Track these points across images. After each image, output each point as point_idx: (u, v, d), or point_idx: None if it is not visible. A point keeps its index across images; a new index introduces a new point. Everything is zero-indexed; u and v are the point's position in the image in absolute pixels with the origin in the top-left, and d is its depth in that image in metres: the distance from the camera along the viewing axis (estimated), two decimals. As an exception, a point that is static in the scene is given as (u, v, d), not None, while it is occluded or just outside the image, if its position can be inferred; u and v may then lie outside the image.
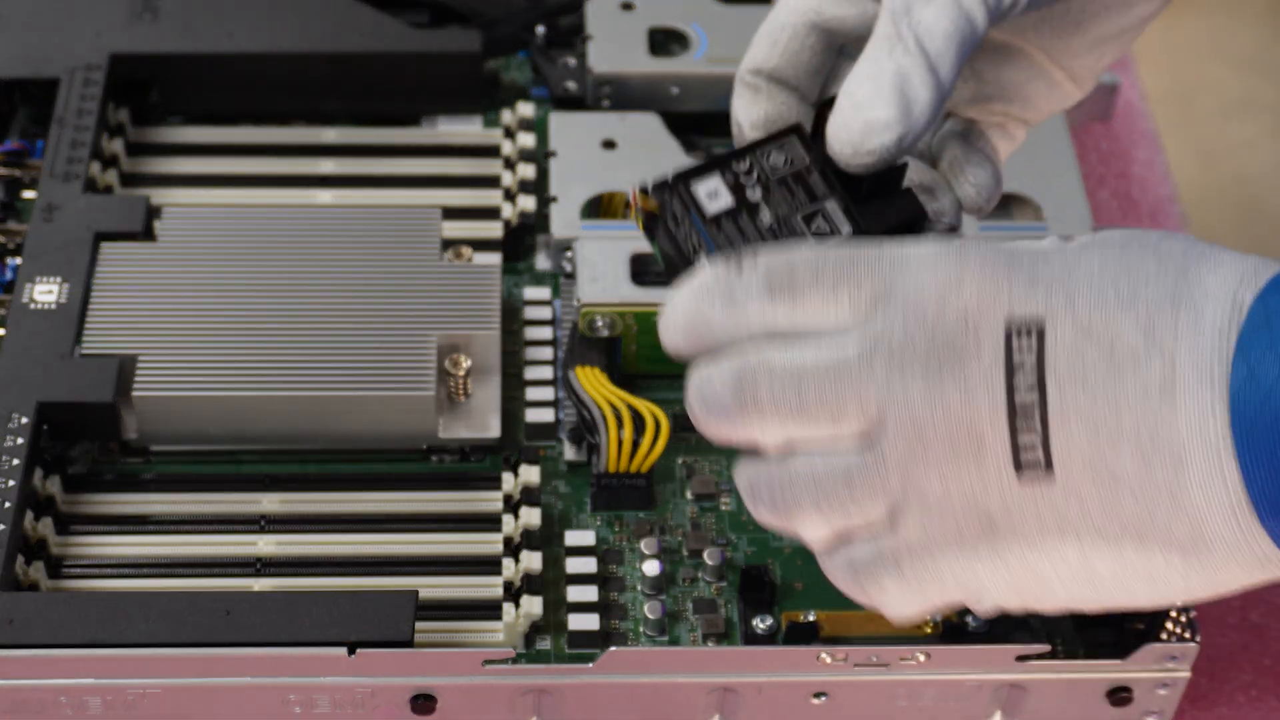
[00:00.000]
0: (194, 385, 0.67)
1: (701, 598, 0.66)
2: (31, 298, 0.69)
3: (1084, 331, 0.49)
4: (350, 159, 0.79)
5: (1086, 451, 0.49)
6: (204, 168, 0.78)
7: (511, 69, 0.84)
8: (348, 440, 0.68)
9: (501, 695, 0.62)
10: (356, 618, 0.60)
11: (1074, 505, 0.50)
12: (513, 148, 0.79)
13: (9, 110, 0.80)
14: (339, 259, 0.71)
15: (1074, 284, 0.50)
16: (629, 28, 0.82)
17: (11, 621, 0.59)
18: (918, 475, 0.50)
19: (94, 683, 0.60)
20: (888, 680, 0.62)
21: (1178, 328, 0.49)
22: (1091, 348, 0.49)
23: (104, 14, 0.80)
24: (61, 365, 0.67)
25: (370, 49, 0.79)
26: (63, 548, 0.65)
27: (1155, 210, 0.85)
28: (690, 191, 0.55)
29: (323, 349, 0.68)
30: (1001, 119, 0.60)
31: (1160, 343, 0.49)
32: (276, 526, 0.67)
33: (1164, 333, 0.49)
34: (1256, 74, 1.91)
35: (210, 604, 0.60)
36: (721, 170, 0.55)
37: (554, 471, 0.69)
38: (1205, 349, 0.48)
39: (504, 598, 0.65)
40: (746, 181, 0.55)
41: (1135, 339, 0.49)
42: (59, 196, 0.73)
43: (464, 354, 0.69)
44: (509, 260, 0.76)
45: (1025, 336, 0.49)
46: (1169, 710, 0.64)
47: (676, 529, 0.68)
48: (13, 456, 0.64)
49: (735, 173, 0.55)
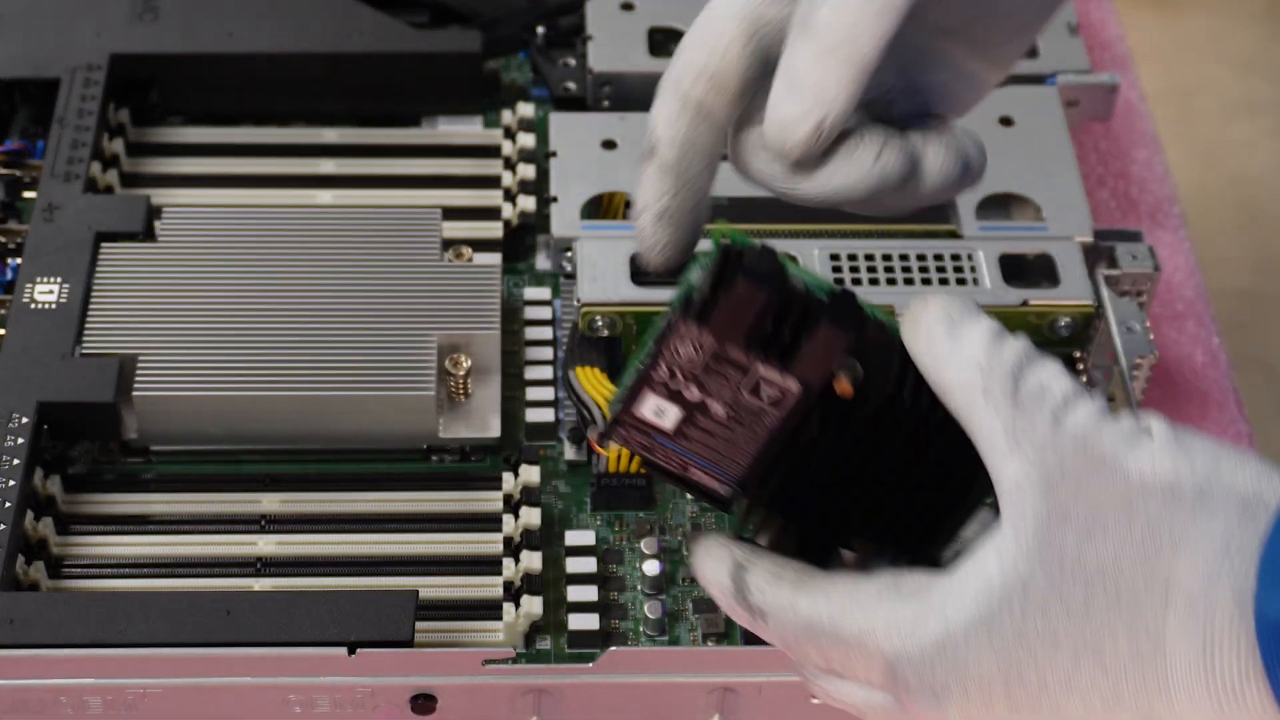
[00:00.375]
0: (194, 385, 0.67)
1: (701, 598, 0.66)
2: (32, 298, 0.69)
3: None
4: (350, 159, 0.79)
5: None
6: (204, 168, 0.78)
7: (511, 69, 0.84)
8: (348, 440, 0.68)
9: (501, 695, 0.62)
10: (356, 617, 0.60)
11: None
12: (513, 148, 0.79)
13: (9, 110, 0.80)
14: (339, 259, 0.71)
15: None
16: (629, 28, 0.82)
17: (12, 621, 0.59)
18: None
19: (94, 682, 0.60)
20: (887, 680, 0.62)
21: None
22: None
23: (104, 14, 0.80)
24: (62, 365, 0.67)
25: (370, 49, 0.79)
26: (63, 548, 0.65)
27: (1155, 210, 0.85)
28: (639, 419, 0.52)
29: (323, 349, 0.68)
30: (933, 122, 0.57)
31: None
32: (277, 526, 0.67)
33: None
34: (1256, 74, 1.91)
35: (210, 604, 0.60)
36: (649, 386, 0.52)
37: (554, 471, 0.69)
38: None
39: (504, 598, 0.65)
40: (677, 385, 0.52)
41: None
42: (59, 196, 0.73)
43: (464, 354, 0.69)
44: (509, 260, 0.76)
45: None
46: None
47: (676, 529, 0.68)
48: (13, 456, 0.64)
49: (662, 383, 0.52)
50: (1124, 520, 0.47)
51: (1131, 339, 0.70)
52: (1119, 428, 0.47)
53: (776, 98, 0.53)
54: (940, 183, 0.55)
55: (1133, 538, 0.47)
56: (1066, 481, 0.47)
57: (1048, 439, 0.47)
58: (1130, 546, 0.47)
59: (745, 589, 0.52)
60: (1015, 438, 0.48)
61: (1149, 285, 0.72)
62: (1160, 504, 0.47)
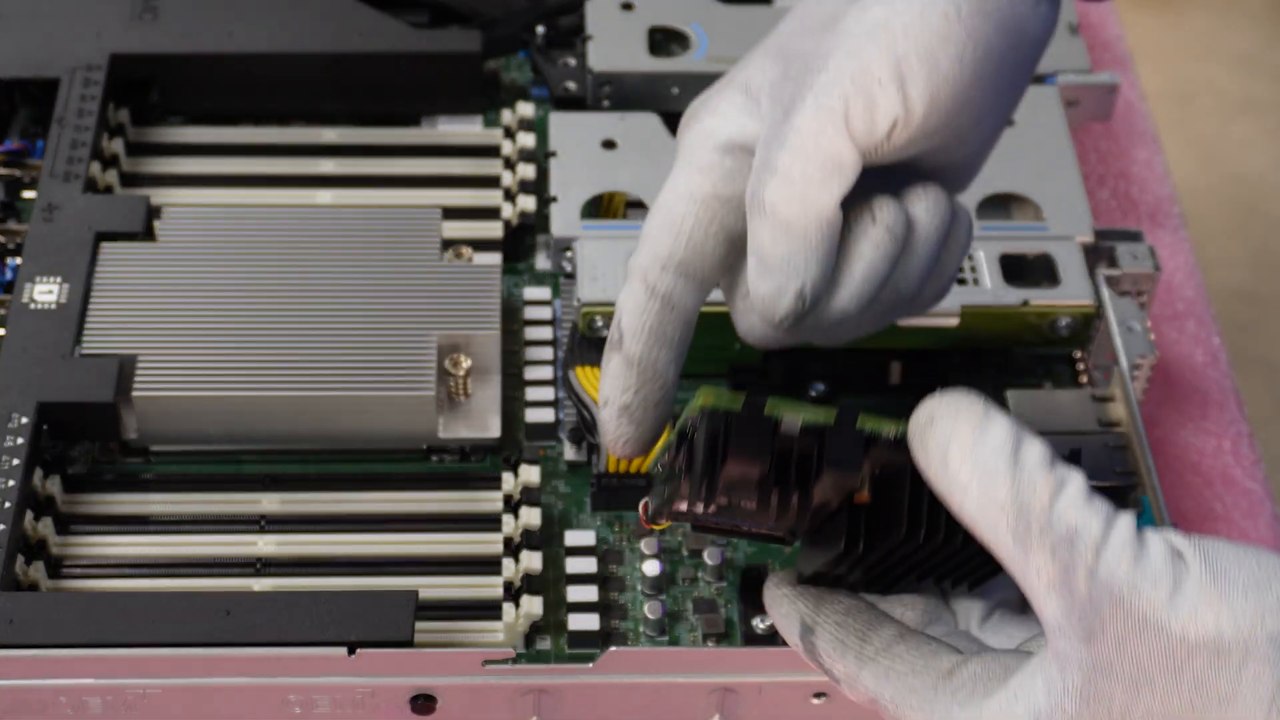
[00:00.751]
0: (194, 385, 0.67)
1: (701, 598, 0.66)
2: (31, 298, 0.69)
3: None
4: (350, 159, 0.79)
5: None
6: (204, 168, 0.78)
7: (511, 69, 0.84)
8: (348, 440, 0.68)
9: (501, 695, 0.62)
10: (356, 618, 0.60)
11: None
12: (513, 148, 0.79)
13: (9, 110, 0.80)
14: (339, 259, 0.71)
15: None
16: (629, 28, 0.82)
17: (11, 621, 0.59)
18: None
19: (94, 683, 0.60)
20: (888, 680, 0.62)
21: None
22: None
23: (104, 14, 0.80)
24: (62, 365, 0.67)
25: (370, 49, 0.79)
26: (63, 548, 0.65)
27: (1155, 210, 0.85)
28: (679, 513, 0.53)
29: (323, 349, 0.68)
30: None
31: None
32: (276, 526, 0.67)
33: None
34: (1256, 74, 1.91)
35: (210, 604, 0.60)
36: (681, 499, 0.53)
37: (554, 471, 0.69)
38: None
39: (504, 598, 0.65)
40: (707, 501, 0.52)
41: None
42: (59, 196, 0.73)
43: (464, 354, 0.69)
44: (509, 260, 0.76)
45: None
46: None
47: (676, 529, 0.68)
48: (13, 456, 0.64)
49: (691, 500, 0.53)
50: (1171, 678, 0.47)
51: (1131, 339, 0.70)
52: (1153, 571, 0.46)
53: (753, 277, 0.54)
54: (935, 224, 0.55)
55: (1180, 694, 0.47)
56: (1108, 637, 0.47)
57: (1085, 592, 0.47)
58: (1178, 701, 0.47)
59: (814, 652, 0.53)
60: (1051, 585, 0.47)
61: (1149, 285, 0.72)
62: (1206, 662, 0.46)
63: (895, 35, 0.53)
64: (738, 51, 0.80)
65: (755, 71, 0.57)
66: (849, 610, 0.53)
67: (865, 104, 0.53)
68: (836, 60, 0.53)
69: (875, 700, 0.52)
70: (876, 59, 0.53)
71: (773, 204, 0.53)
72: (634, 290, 0.55)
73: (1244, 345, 1.66)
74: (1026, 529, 0.47)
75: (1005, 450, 0.47)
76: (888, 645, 0.52)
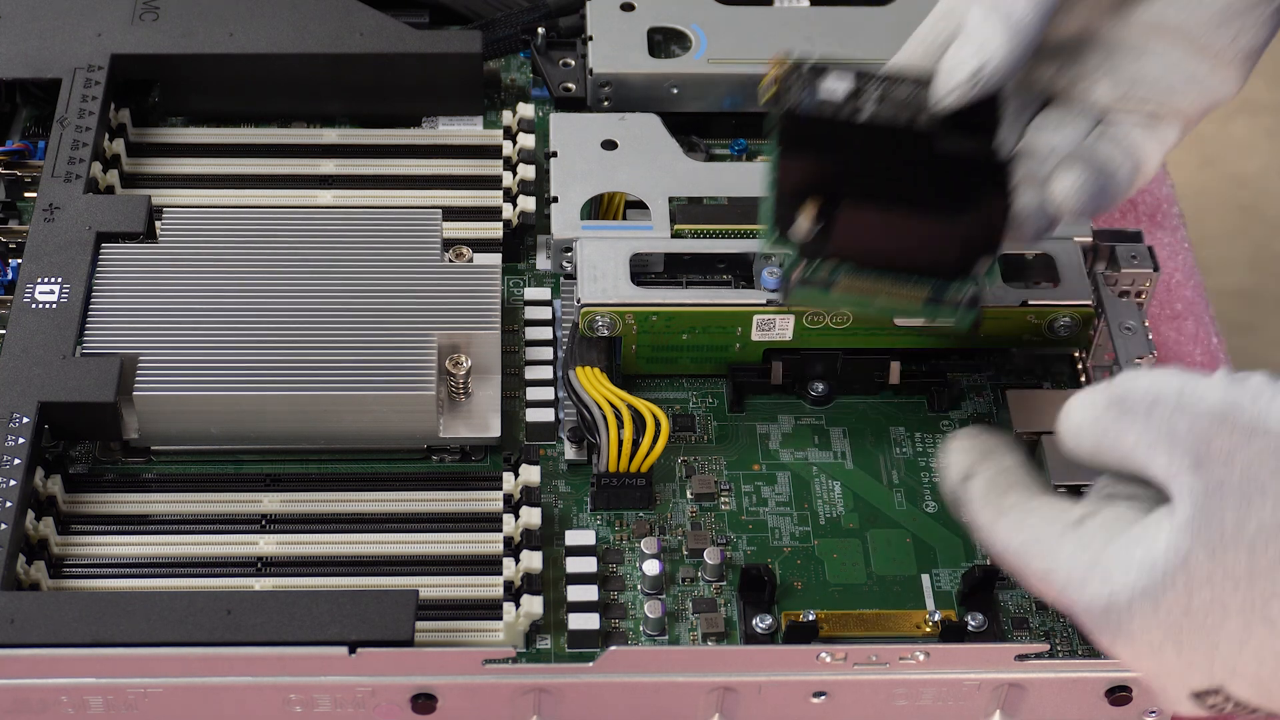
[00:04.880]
0: (194, 385, 0.67)
1: (701, 597, 0.66)
2: (33, 298, 0.69)
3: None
4: (351, 159, 0.79)
5: None
6: (205, 168, 0.78)
7: (511, 69, 0.84)
8: (348, 440, 0.69)
9: (501, 695, 0.62)
10: (357, 617, 0.60)
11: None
12: (513, 148, 0.79)
13: (11, 110, 0.80)
14: (340, 259, 0.71)
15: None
16: (629, 28, 0.82)
17: (13, 621, 0.59)
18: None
19: (95, 682, 0.60)
20: (887, 680, 0.63)
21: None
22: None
23: (105, 15, 0.80)
24: (62, 365, 0.67)
25: (370, 49, 0.79)
26: (64, 547, 0.65)
27: (1155, 210, 0.85)
28: (817, 79, 0.60)
29: (323, 349, 0.68)
30: (1144, 113, 0.62)
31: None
32: (277, 526, 0.67)
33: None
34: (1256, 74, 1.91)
35: (211, 603, 0.60)
36: (858, 75, 0.60)
37: (554, 471, 0.69)
38: None
39: (504, 597, 0.65)
40: (867, 95, 0.60)
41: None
42: (60, 197, 0.73)
43: (464, 354, 0.69)
44: (509, 260, 0.76)
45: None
46: (1168, 709, 0.64)
47: (676, 529, 0.68)
48: (14, 456, 0.64)
49: (863, 86, 0.60)
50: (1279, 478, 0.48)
51: (1131, 339, 0.70)
52: (1251, 389, 0.49)
53: (950, 49, 0.59)
54: (1068, 206, 0.61)
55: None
56: (1214, 455, 0.48)
57: (1185, 428, 0.49)
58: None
59: (965, 499, 0.55)
60: (1153, 444, 0.50)
61: (1148, 285, 0.72)
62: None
63: None
64: (738, 52, 0.81)
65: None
66: (1006, 469, 0.55)
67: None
68: None
69: (1004, 552, 0.54)
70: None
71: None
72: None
73: (1243, 345, 1.66)
74: (1120, 411, 0.50)
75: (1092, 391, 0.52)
76: (1026, 499, 0.54)
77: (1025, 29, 0.58)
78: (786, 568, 0.66)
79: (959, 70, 0.59)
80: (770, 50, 0.79)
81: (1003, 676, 0.63)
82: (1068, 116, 0.63)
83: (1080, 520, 0.52)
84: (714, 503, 0.69)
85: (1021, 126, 0.64)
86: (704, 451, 0.70)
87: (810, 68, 0.61)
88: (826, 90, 0.60)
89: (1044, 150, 0.62)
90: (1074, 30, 0.62)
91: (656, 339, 0.70)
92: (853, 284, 0.62)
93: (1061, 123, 0.63)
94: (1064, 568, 0.51)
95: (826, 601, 0.65)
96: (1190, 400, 0.49)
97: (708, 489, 0.69)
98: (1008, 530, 0.54)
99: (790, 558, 0.67)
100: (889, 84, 0.61)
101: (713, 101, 0.80)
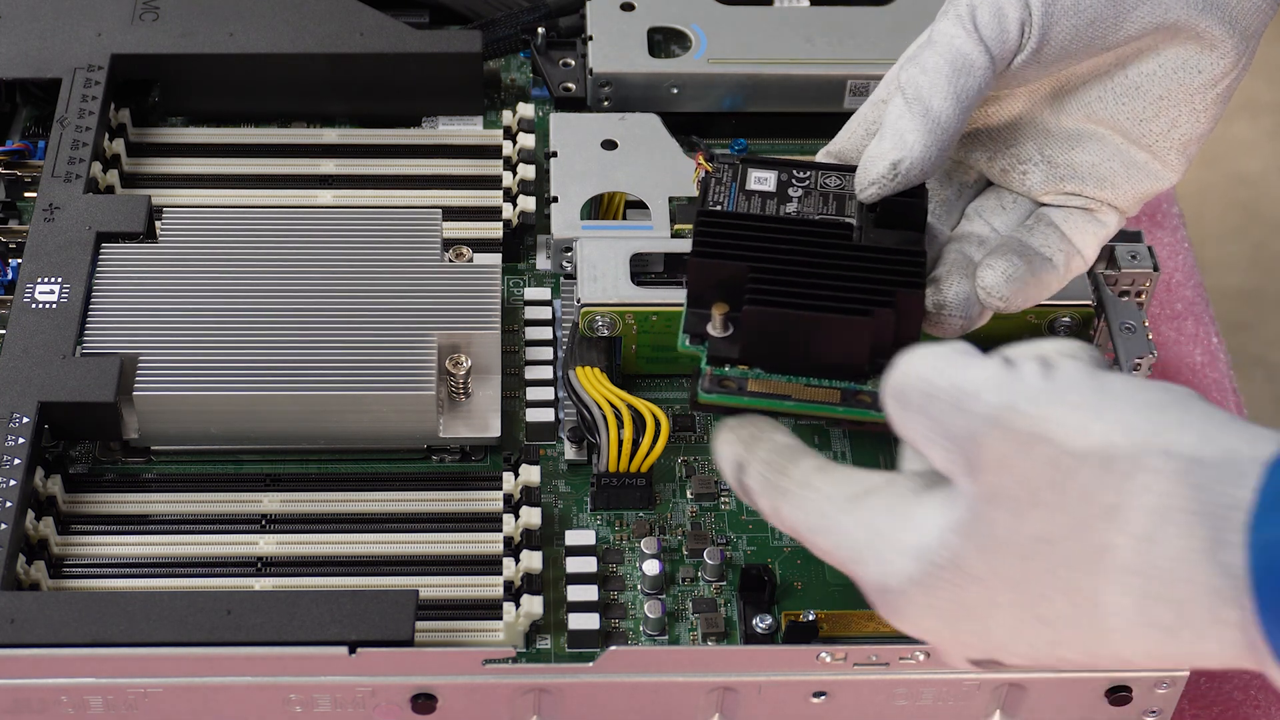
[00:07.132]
0: (194, 385, 0.67)
1: (701, 597, 0.66)
2: (33, 298, 0.69)
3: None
4: (351, 159, 0.79)
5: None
6: (205, 168, 0.78)
7: (511, 69, 0.84)
8: (348, 440, 0.69)
9: (501, 695, 0.62)
10: (357, 617, 0.60)
11: None
12: (513, 148, 0.79)
13: (11, 110, 0.80)
14: (340, 259, 0.71)
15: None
16: (629, 28, 0.82)
17: (13, 621, 0.59)
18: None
19: (95, 682, 0.60)
20: (887, 679, 0.63)
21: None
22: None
23: (105, 15, 0.80)
24: (62, 365, 0.67)
25: (370, 49, 0.79)
26: (64, 547, 0.65)
27: (1155, 210, 0.85)
28: (744, 171, 0.61)
29: (323, 349, 0.68)
30: (1083, 202, 0.61)
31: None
32: (277, 526, 0.67)
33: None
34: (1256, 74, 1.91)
35: (211, 603, 0.60)
36: (781, 169, 0.61)
37: (554, 471, 0.69)
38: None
39: (504, 597, 0.65)
40: (795, 188, 0.60)
41: None
42: (60, 197, 0.73)
43: (464, 354, 0.69)
44: (509, 260, 0.76)
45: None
46: (1168, 709, 0.64)
47: (676, 529, 0.68)
48: (14, 456, 0.64)
49: (790, 176, 0.61)
50: (1056, 492, 0.47)
51: (1131, 339, 0.70)
52: (1027, 389, 0.48)
53: (872, 142, 0.59)
54: (996, 295, 0.60)
55: (1065, 508, 0.47)
56: (989, 461, 0.48)
57: (962, 429, 0.48)
58: (1063, 517, 0.47)
59: (748, 491, 0.56)
60: (927, 438, 0.49)
61: (1148, 285, 0.72)
62: (1093, 472, 0.46)
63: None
64: (737, 52, 0.81)
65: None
66: (777, 449, 0.55)
67: (994, 10, 0.57)
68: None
69: (793, 532, 0.54)
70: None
71: (907, 84, 0.58)
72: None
73: (1243, 345, 1.66)
74: (898, 405, 0.50)
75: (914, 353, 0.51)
76: (807, 476, 0.54)
77: (944, 124, 0.57)
78: (786, 568, 0.66)
79: (878, 163, 0.58)
80: (770, 50, 0.80)
81: (1003, 676, 0.63)
82: (1005, 201, 0.62)
83: (862, 495, 0.52)
84: (714, 503, 0.69)
85: (961, 208, 0.63)
86: (704, 451, 0.70)
87: (742, 160, 0.61)
88: (756, 179, 0.60)
89: (979, 235, 0.62)
90: (1009, 117, 0.62)
91: (656, 339, 0.70)
92: (763, 386, 0.59)
93: (998, 208, 0.62)
94: (845, 545, 0.52)
95: (826, 601, 0.65)
96: (966, 400, 0.48)
97: (708, 489, 0.69)
98: (791, 512, 0.54)
99: (790, 558, 0.67)
100: (818, 174, 0.61)
101: (713, 101, 0.80)
